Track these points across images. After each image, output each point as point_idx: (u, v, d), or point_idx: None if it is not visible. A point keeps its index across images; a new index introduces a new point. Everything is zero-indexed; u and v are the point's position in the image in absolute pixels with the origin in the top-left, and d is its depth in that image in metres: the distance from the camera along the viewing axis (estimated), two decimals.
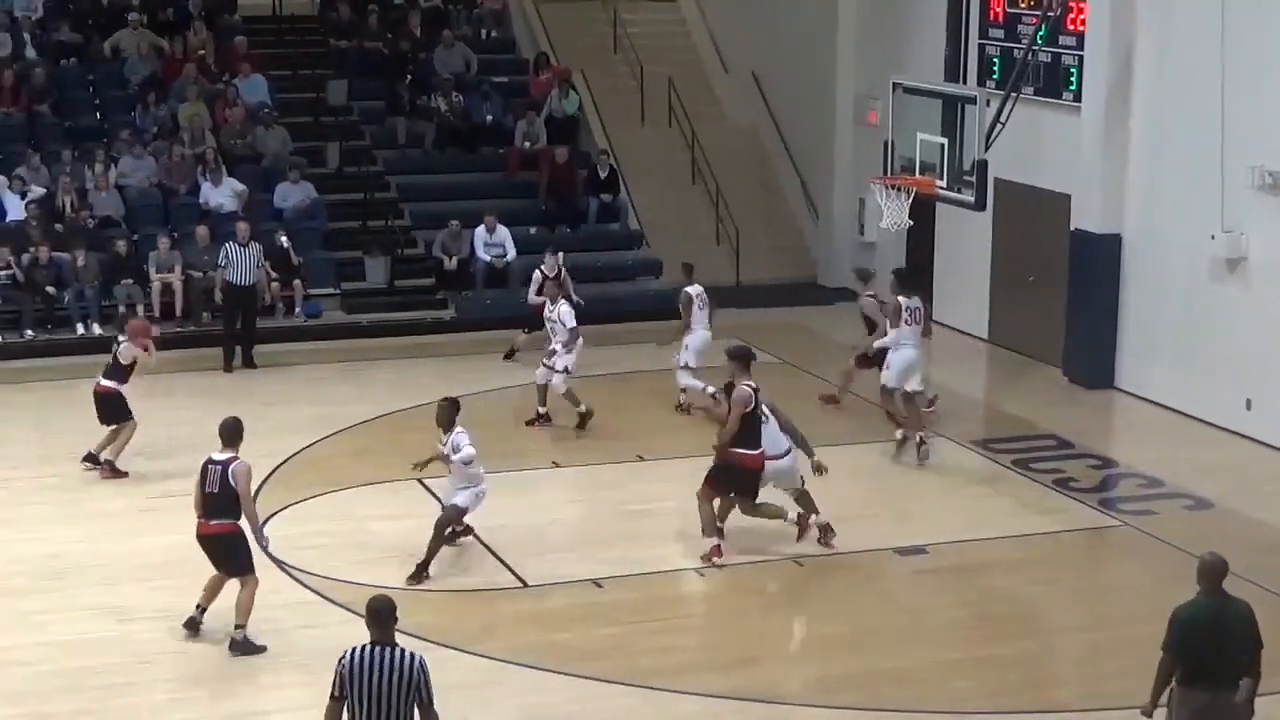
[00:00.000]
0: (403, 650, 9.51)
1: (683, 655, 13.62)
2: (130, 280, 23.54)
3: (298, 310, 24.17)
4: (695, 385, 19.49)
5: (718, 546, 15.29)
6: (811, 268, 28.00)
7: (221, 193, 24.71)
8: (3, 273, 23.14)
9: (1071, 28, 21.68)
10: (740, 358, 15.44)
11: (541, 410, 19.49)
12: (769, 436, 15.36)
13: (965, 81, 23.13)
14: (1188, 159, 20.06)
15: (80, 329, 23.19)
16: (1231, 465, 18.69)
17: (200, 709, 12.59)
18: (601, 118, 28.94)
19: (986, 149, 19.68)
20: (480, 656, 13.41)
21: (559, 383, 19.24)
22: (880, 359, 18.90)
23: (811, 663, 13.82)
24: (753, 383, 15.23)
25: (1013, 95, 20.56)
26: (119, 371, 17.93)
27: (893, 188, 20.54)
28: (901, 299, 18.73)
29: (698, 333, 19.94)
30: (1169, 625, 10.42)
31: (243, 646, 13.43)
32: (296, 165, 25.60)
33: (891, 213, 20.54)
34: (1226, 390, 19.61)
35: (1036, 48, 21.61)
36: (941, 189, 19.96)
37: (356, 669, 9.42)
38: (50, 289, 23.23)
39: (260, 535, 13.48)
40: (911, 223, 20.93)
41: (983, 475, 18.49)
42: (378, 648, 9.49)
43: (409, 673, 9.44)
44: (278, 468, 17.84)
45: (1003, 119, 20.28)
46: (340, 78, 27.98)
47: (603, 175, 26.96)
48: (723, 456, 15.19)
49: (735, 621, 14.55)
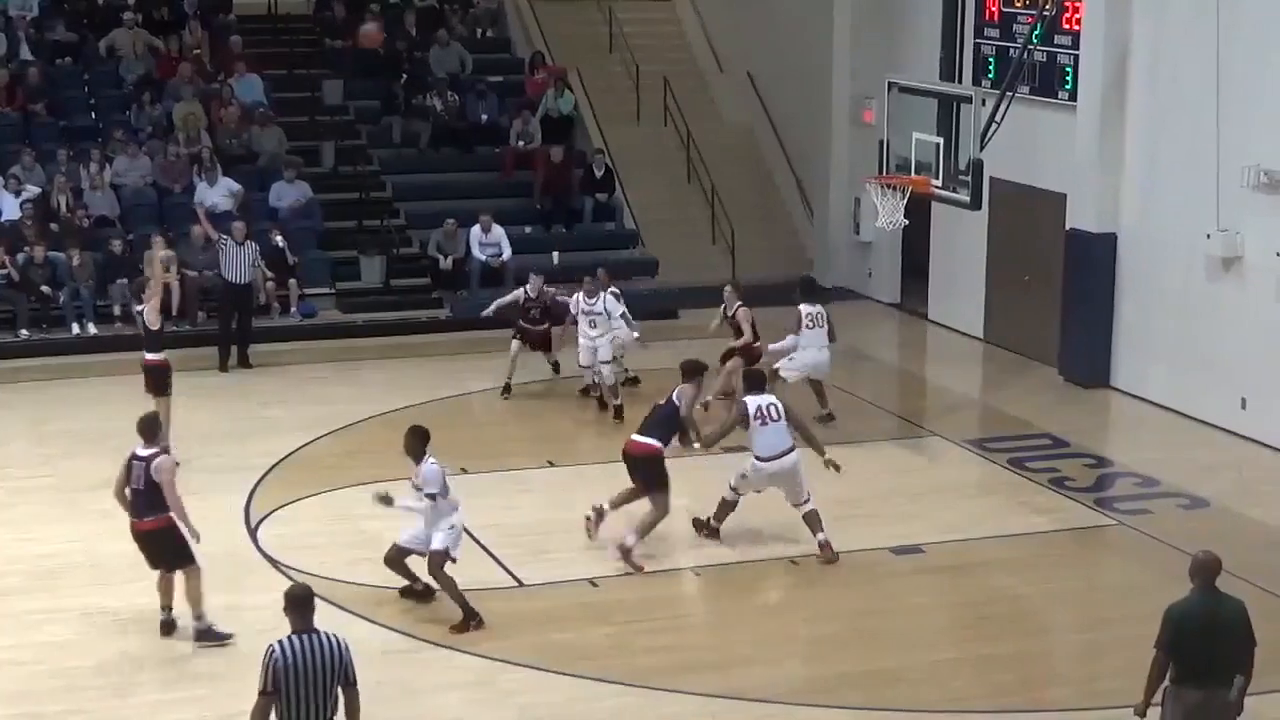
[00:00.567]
0: (325, 634, 9.69)
1: (679, 654, 13.61)
2: (125, 280, 23.52)
3: (293, 310, 24.16)
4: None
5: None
6: (807, 267, 27.93)
7: (217, 192, 24.69)
8: None
9: (1067, 27, 21.69)
10: (686, 371, 15.96)
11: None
12: (768, 438, 15.42)
13: (961, 81, 23.13)
14: (1183, 158, 20.07)
15: (75, 329, 23.19)
16: (1227, 464, 18.70)
17: (194, 709, 12.57)
18: (597, 117, 28.95)
19: (982, 148, 19.66)
20: (476, 656, 13.41)
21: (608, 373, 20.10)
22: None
23: (808, 662, 13.81)
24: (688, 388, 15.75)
25: (1008, 94, 20.54)
26: (154, 339, 17.88)
27: (888, 187, 20.53)
28: (803, 306, 19.56)
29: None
30: (1162, 623, 10.45)
31: (207, 635, 13.46)
32: (292, 165, 25.59)
33: (887, 212, 20.55)
34: (1222, 389, 19.61)
35: (1032, 47, 21.60)
36: (937, 188, 19.94)
37: (290, 660, 9.55)
38: (45, 288, 23.23)
39: (189, 527, 13.39)
40: (907, 222, 20.91)
41: (979, 475, 18.51)
42: (304, 636, 9.65)
43: (335, 655, 9.63)
44: (273, 467, 17.84)
45: (998, 118, 20.27)
46: (336, 77, 27.99)
47: (598, 174, 26.96)
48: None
49: (732, 621, 14.54)
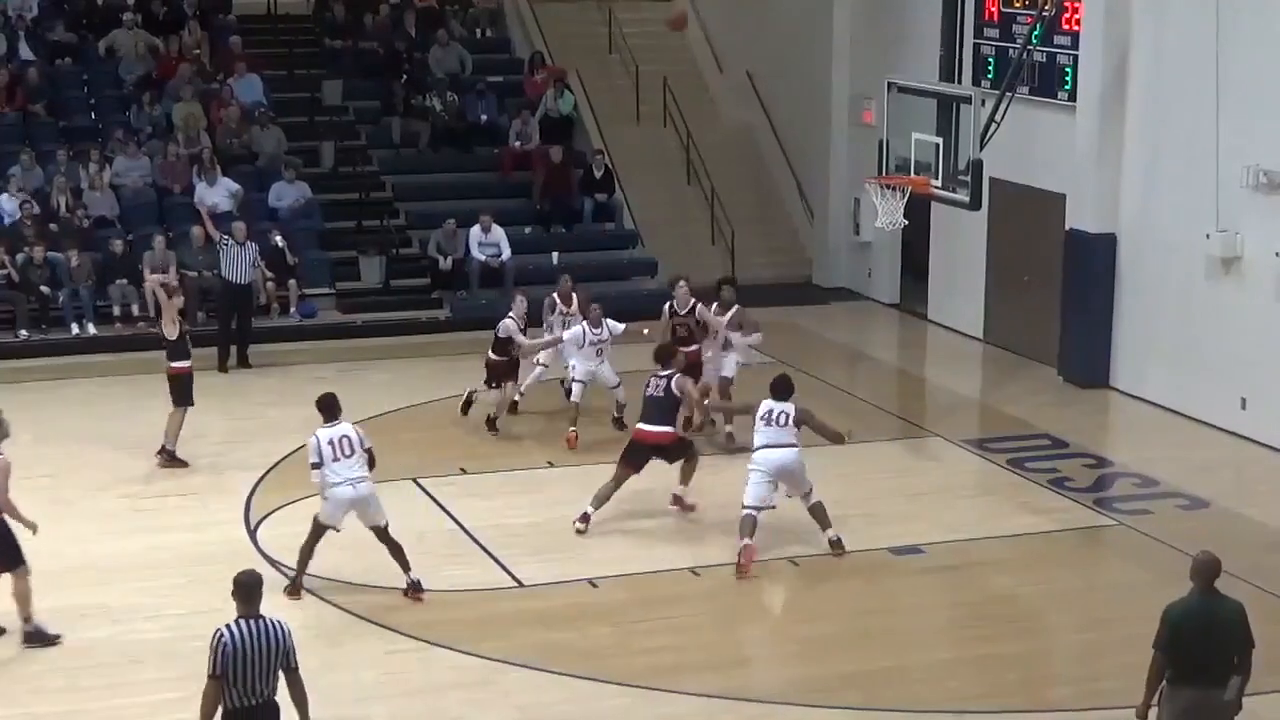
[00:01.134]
0: (269, 619, 9.85)
1: (678, 655, 13.61)
2: (125, 280, 23.55)
3: (293, 310, 24.17)
4: None
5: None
6: (807, 267, 28.01)
7: (216, 193, 24.69)
8: None
9: (1066, 27, 21.69)
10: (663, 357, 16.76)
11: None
12: (768, 436, 15.51)
13: (960, 81, 23.06)
14: (1182, 158, 20.07)
15: (75, 329, 23.21)
16: (1226, 464, 18.72)
17: (193, 709, 12.51)
18: (596, 117, 28.95)
19: (981, 148, 19.67)
20: (475, 656, 13.41)
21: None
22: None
23: (807, 663, 13.80)
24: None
25: (1008, 95, 20.55)
26: (171, 349, 17.90)
27: (888, 187, 20.55)
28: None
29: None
30: (1160, 623, 10.46)
31: (35, 637, 13.41)
32: (292, 165, 25.59)
33: (886, 212, 20.56)
34: (1221, 389, 19.61)
35: (1031, 47, 21.61)
36: (937, 189, 19.95)
37: (236, 645, 9.71)
38: (45, 289, 23.23)
39: (26, 523, 13.35)
40: (906, 222, 20.94)
41: (978, 475, 18.51)
42: (249, 621, 9.80)
43: (279, 640, 9.81)
44: (273, 467, 17.86)
45: (998, 119, 20.28)
46: (335, 77, 28.00)
47: (598, 175, 26.95)
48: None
49: (731, 621, 14.54)
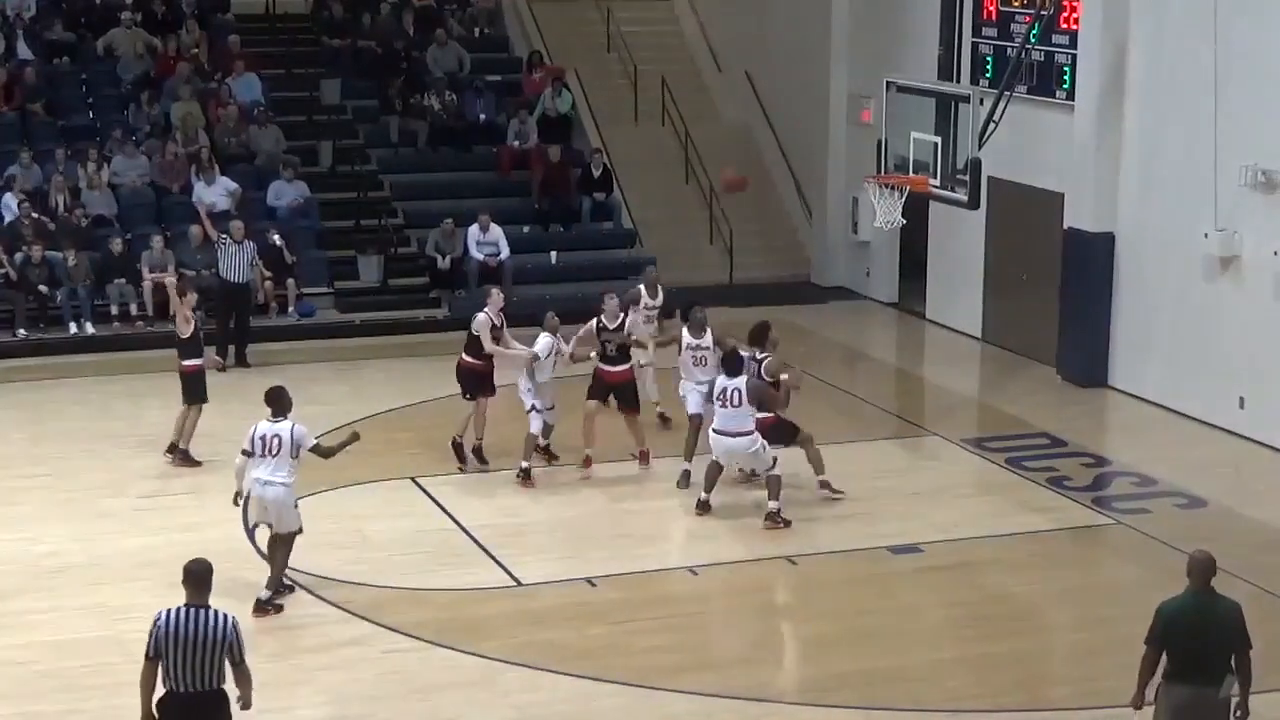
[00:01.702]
0: (214, 611, 9.82)
1: (677, 654, 13.60)
2: (123, 279, 23.54)
3: (291, 309, 24.15)
4: None
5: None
6: (805, 266, 28.00)
7: (214, 192, 24.68)
8: None
9: (1064, 26, 21.67)
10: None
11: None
12: (724, 420, 15.98)
13: (958, 80, 23.10)
14: (1181, 157, 20.06)
15: (73, 328, 23.19)
16: (1225, 463, 18.70)
17: None
18: (595, 116, 28.93)
19: (980, 148, 19.68)
20: (474, 655, 13.40)
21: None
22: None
23: (806, 662, 13.81)
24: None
25: (1006, 94, 20.55)
26: (183, 347, 17.92)
27: (886, 186, 20.54)
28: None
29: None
30: (1153, 618, 10.48)
31: None
32: (290, 164, 25.57)
33: (885, 212, 20.56)
34: (1220, 388, 19.61)
35: (1030, 46, 21.59)
36: (935, 188, 19.95)
37: (170, 629, 9.72)
38: (43, 288, 23.22)
39: None
40: (905, 222, 20.94)
41: (977, 474, 18.49)
42: (191, 609, 9.80)
43: (220, 631, 9.76)
44: None
45: (996, 118, 20.28)
46: (333, 76, 27.98)
47: (596, 174, 26.93)
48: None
49: (729, 620, 14.54)
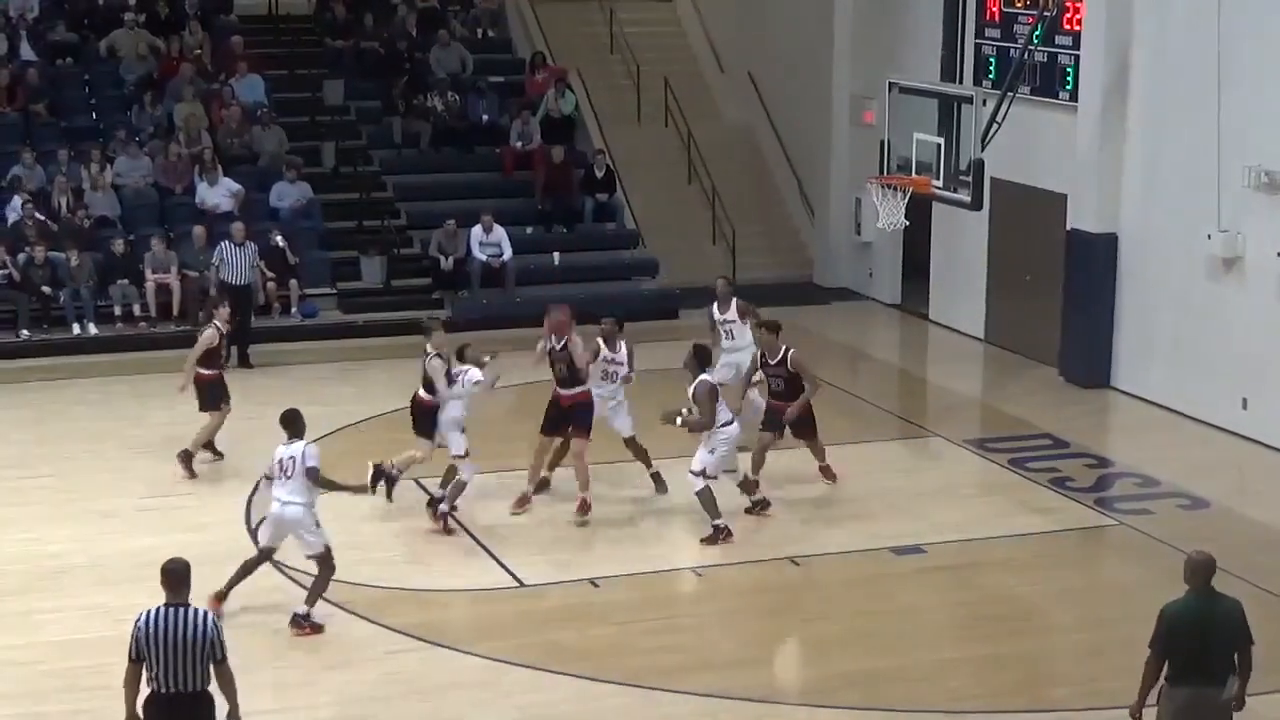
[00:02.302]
0: (195, 609, 9.84)
1: (679, 655, 13.60)
2: (126, 280, 23.56)
3: (294, 310, 24.16)
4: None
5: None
6: (808, 267, 28.00)
7: (217, 193, 24.69)
8: None
9: (1068, 27, 21.67)
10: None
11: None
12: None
13: (961, 81, 23.13)
14: (1184, 158, 20.06)
15: (76, 329, 23.20)
16: (1228, 464, 18.71)
17: None
18: (598, 117, 28.94)
19: (983, 149, 19.69)
20: (477, 656, 13.41)
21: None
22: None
23: (808, 662, 13.81)
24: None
25: (1009, 95, 20.55)
26: (210, 357, 17.97)
27: (889, 187, 20.56)
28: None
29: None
30: (1157, 622, 10.45)
31: None
32: (293, 165, 25.57)
33: (887, 213, 20.57)
34: (1223, 389, 19.60)
35: (1033, 47, 21.60)
36: (938, 189, 19.96)
37: (151, 630, 9.72)
38: (46, 289, 23.23)
39: None
40: (907, 223, 20.95)
41: (979, 475, 18.49)
42: (171, 609, 9.80)
43: (200, 630, 9.75)
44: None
45: (999, 119, 20.28)
46: (336, 77, 27.99)
47: (599, 175, 26.94)
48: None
49: (732, 621, 14.54)
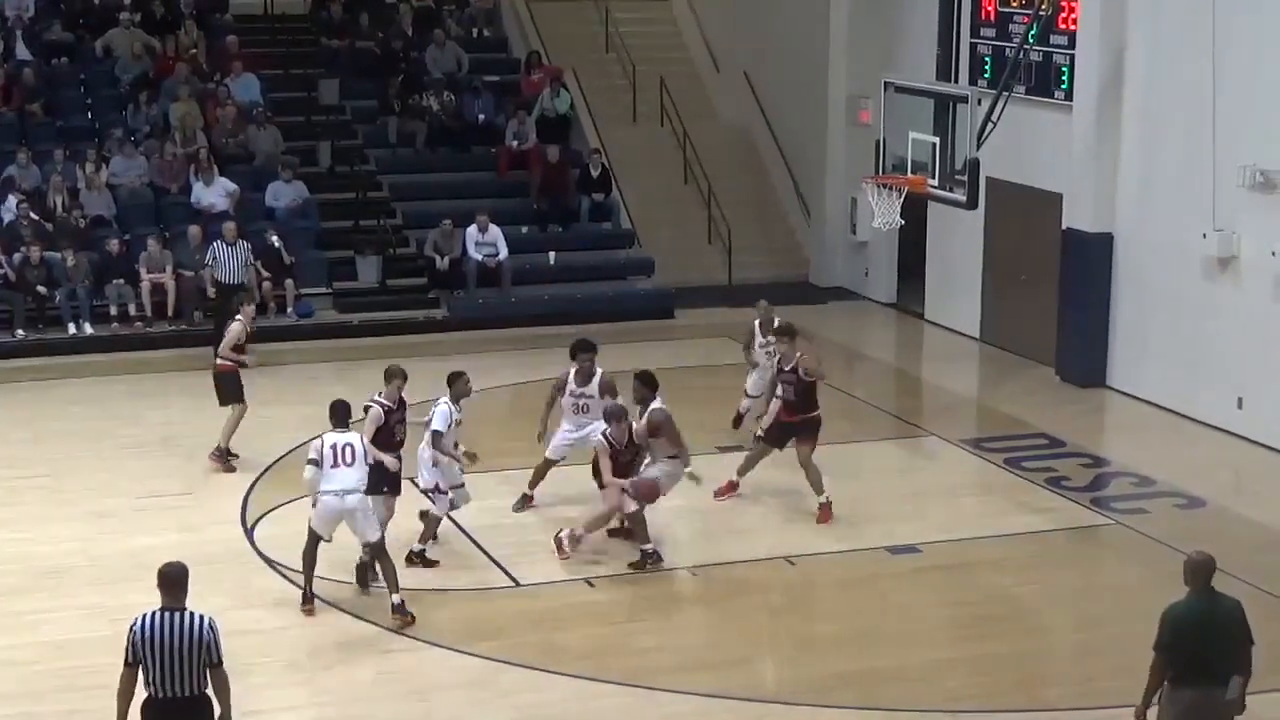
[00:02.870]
0: (191, 613, 9.78)
1: (675, 654, 13.62)
2: (121, 280, 23.57)
3: (289, 310, 24.18)
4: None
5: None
6: (804, 267, 28.02)
7: (213, 192, 24.69)
8: None
9: (1063, 27, 21.70)
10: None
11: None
12: None
13: (957, 80, 23.17)
14: (1179, 158, 20.08)
15: (72, 328, 23.22)
16: (1223, 464, 18.73)
17: None
18: (593, 117, 28.94)
19: (978, 148, 19.72)
20: (473, 656, 13.42)
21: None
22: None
23: (804, 662, 13.81)
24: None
25: (1004, 94, 20.57)
26: (234, 352, 18.06)
27: (884, 187, 20.59)
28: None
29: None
30: (1160, 624, 10.44)
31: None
32: (288, 164, 25.59)
33: (883, 212, 20.61)
34: (1218, 389, 19.63)
35: (1028, 47, 21.61)
36: (933, 188, 20.00)
37: (147, 633, 9.70)
38: (41, 288, 23.24)
39: None
40: (903, 222, 20.99)
41: (975, 474, 18.52)
42: (167, 613, 9.77)
43: (197, 634, 9.71)
44: (269, 467, 17.85)
45: (994, 118, 20.30)
46: (332, 77, 28.00)
47: (594, 174, 26.95)
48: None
49: (728, 620, 14.54)
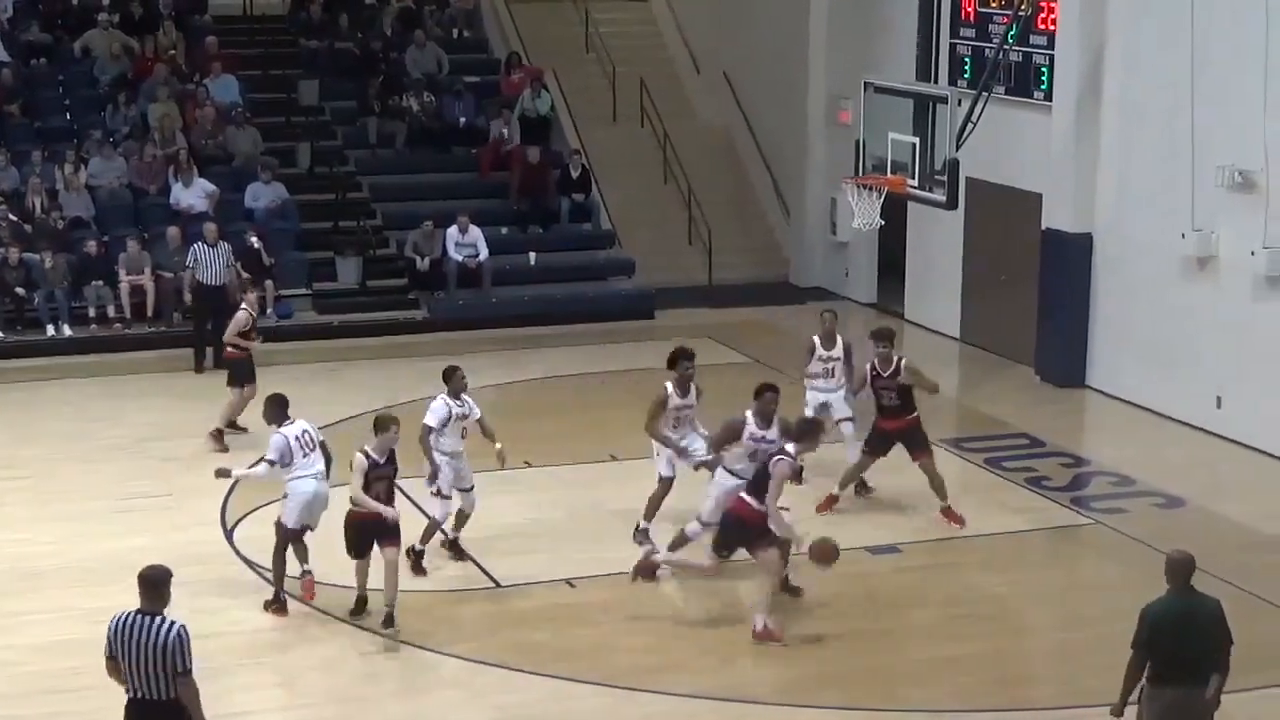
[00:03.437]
0: (163, 619, 9.83)
1: (657, 655, 13.62)
2: (100, 281, 23.51)
3: (269, 311, 24.09)
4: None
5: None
6: (783, 267, 28.05)
7: (192, 193, 24.65)
8: None
9: (1042, 27, 21.76)
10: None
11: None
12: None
13: (936, 81, 23.22)
14: (1158, 158, 20.15)
15: (50, 330, 23.15)
16: (1202, 463, 18.78)
17: None
18: (573, 117, 28.95)
19: (958, 148, 19.75)
20: (453, 657, 13.43)
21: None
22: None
23: (786, 662, 13.81)
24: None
25: (984, 94, 20.62)
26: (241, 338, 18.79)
27: (864, 187, 20.62)
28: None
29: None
30: (1139, 622, 10.48)
31: None
32: (268, 166, 25.54)
33: (863, 212, 20.64)
34: (1197, 388, 19.69)
35: (1007, 47, 21.66)
36: (913, 188, 20.02)
37: (122, 634, 9.82)
38: (20, 290, 23.17)
39: None
40: (883, 222, 21.03)
41: (955, 474, 18.49)
42: (142, 615, 9.84)
43: (163, 641, 9.77)
44: (250, 467, 17.78)
45: (974, 118, 20.34)
46: (311, 78, 27.96)
47: (575, 175, 26.96)
48: None
49: (709, 621, 14.55)
